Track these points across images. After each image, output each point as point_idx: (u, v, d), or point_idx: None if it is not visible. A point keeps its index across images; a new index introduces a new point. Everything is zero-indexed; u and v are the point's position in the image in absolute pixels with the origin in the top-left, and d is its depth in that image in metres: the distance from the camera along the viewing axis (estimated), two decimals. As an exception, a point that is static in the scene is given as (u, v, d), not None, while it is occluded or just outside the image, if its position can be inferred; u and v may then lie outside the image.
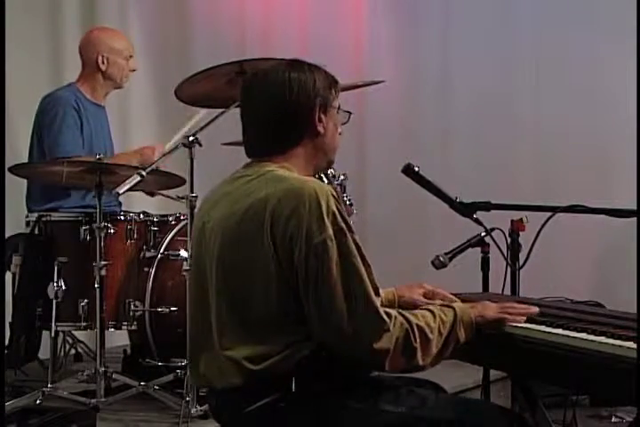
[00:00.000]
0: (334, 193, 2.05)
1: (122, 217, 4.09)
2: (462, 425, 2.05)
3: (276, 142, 2.17)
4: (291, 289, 2.01)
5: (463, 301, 2.30)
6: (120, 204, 4.42)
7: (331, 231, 1.98)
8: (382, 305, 2.03)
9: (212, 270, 2.11)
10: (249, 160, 2.23)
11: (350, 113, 2.28)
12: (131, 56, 4.44)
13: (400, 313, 2.04)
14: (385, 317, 1.98)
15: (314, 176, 2.21)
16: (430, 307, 2.15)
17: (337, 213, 2.01)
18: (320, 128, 2.17)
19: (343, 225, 2.01)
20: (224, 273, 2.08)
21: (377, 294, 2.01)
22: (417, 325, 2.03)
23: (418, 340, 2.01)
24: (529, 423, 2.25)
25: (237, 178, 2.19)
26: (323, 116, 2.17)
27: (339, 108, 2.24)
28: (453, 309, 2.13)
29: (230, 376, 2.05)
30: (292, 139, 2.17)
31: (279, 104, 2.15)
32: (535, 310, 2.19)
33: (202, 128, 3.69)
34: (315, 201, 2.00)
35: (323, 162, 2.23)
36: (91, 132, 4.31)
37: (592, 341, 1.96)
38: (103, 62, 4.35)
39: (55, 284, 3.87)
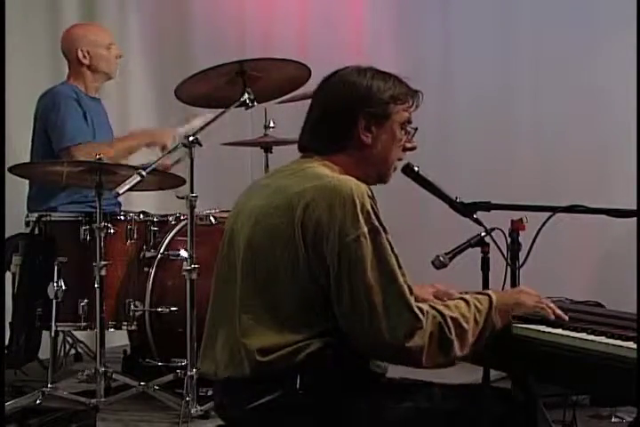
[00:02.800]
0: (370, 193, 2.03)
1: (122, 217, 4.09)
2: (466, 413, 2.06)
3: (323, 141, 2.16)
4: (318, 284, 2.00)
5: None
6: (120, 204, 4.42)
7: (365, 229, 1.98)
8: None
9: (241, 258, 2.10)
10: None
11: (416, 129, 2.22)
12: (111, 44, 4.42)
13: (432, 307, 2.03)
14: (420, 314, 1.97)
15: None
16: (464, 296, 2.14)
17: (372, 211, 2.00)
18: (365, 138, 2.14)
19: (377, 224, 2.00)
20: (252, 261, 2.07)
21: (411, 293, 1.99)
22: (450, 317, 2.01)
23: (453, 332, 2.00)
24: (528, 422, 2.25)
25: (277, 172, 2.19)
26: (373, 126, 2.14)
27: (408, 122, 2.19)
28: (489, 296, 2.12)
29: (237, 366, 2.04)
30: (337, 141, 2.15)
31: (328, 105, 2.15)
32: (566, 318, 2.16)
33: (202, 128, 3.69)
34: (350, 199, 1.99)
35: (371, 174, 2.18)
36: (93, 125, 4.31)
37: (592, 341, 1.96)
38: (85, 57, 4.36)
39: (55, 284, 3.88)
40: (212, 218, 4.10)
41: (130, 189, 3.48)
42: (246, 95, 3.77)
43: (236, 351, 2.05)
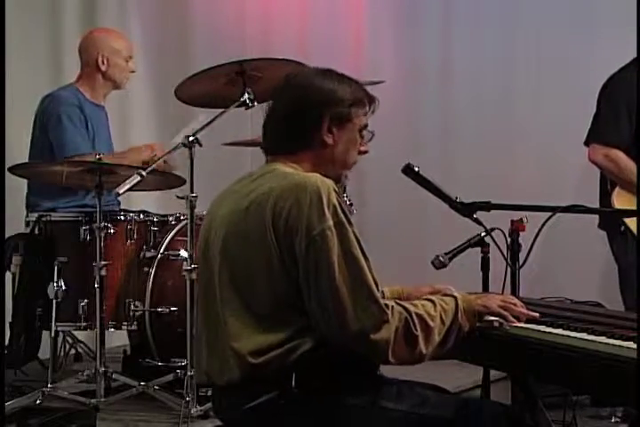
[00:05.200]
0: (336, 188, 2.07)
1: (122, 217, 4.09)
2: (463, 423, 2.06)
3: (285, 141, 2.20)
4: (293, 281, 2.02)
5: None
6: (119, 204, 4.42)
7: (331, 222, 2.00)
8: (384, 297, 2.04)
9: (217, 265, 2.12)
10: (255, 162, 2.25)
11: (373, 134, 2.29)
12: (130, 57, 4.43)
13: (398, 303, 2.06)
14: (386, 310, 2.00)
15: None
16: (430, 297, 2.16)
17: (337, 205, 2.03)
18: (327, 139, 2.18)
19: (343, 218, 2.03)
20: (229, 266, 2.10)
21: (377, 286, 2.02)
22: (416, 313, 2.04)
23: (418, 328, 2.03)
24: (528, 422, 2.26)
25: (245, 178, 2.22)
26: (335, 128, 2.18)
27: (365, 126, 2.25)
28: (454, 297, 2.15)
29: (230, 371, 2.06)
30: (299, 141, 2.19)
31: (292, 105, 2.18)
32: (536, 315, 2.19)
33: (202, 128, 3.68)
34: (316, 194, 2.02)
35: (330, 173, 2.21)
36: (93, 132, 4.31)
37: (592, 341, 1.96)
38: (103, 63, 4.34)
39: (55, 284, 3.87)
40: (212, 218, 4.10)
41: (130, 189, 3.47)
42: (246, 95, 3.77)
43: (228, 356, 2.06)
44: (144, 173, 3.48)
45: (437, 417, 2.07)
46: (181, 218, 4.13)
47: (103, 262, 3.78)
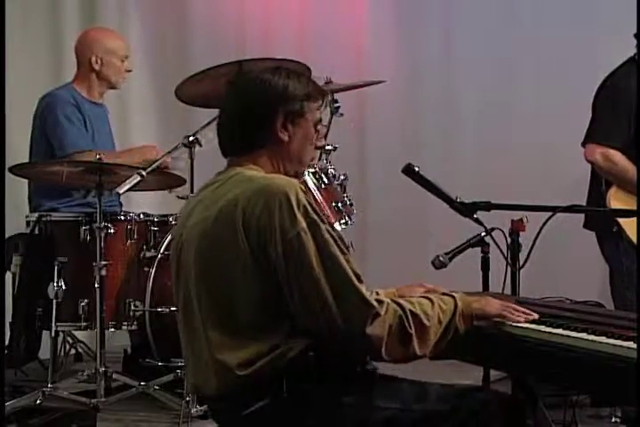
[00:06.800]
0: (302, 187, 2.05)
1: (122, 217, 4.09)
2: (458, 415, 2.05)
3: (240, 142, 2.17)
4: (272, 287, 2.00)
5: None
6: (121, 205, 4.42)
7: (304, 224, 1.99)
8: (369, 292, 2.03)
9: (193, 278, 2.10)
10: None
11: (328, 128, 2.29)
12: (127, 56, 4.43)
13: (393, 300, 2.04)
14: (372, 302, 1.98)
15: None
16: (429, 295, 2.15)
17: (307, 205, 2.01)
18: (283, 136, 2.15)
19: (315, 217, 2.01)
20: (203, 279, 2.08)
21: (359, 280, 2.00)
22: (411, 311, 2.03)
23: (413, 326, 2.01)
24: (525, 408, 2.24)
25: (209, 185, 2.20)
26: (289, 124, 2.15)
27: (319, 121, 2.22)
28: (454, 298, 2.13)
29: (218, 383, 2.04)
30: (254, 140, 2.16)
31: (243, 104, 2.16)
32: (535, 316, 2.19)
33: (202, 128, 3.69)
34: (284, 196, 2.00)
35: (288, 170, 2.20)
36: (92, 130, 4.31)
37: (592, 341, 1.96)
38: (97, 62, 4.35)
39: (55, 284, 3.87)
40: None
41: (130, 189, 3.47)
42: (246, 95, 3.77)
43: (214, 369, 2.04)
44: (144, 173, 3.48)
45: (433, 412, 2.05)
46: (181, 218, 4.13)
47: (103, 262, 3.79)
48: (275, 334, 2.01)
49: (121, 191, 3.44)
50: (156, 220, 4.13)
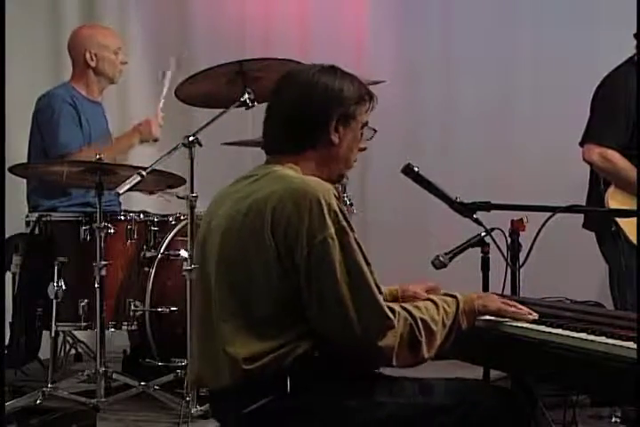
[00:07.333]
0: (336, 193, 2.04)
1: (122, 217, 4.09)
2: (461, 407, 2.05)
3: (290, 141, 2.16)
4: (292, 287, 2.00)
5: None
6: (120, 204, 4.42)
7: (332, 230, 1.98)
8: (385, 301, 2.04)
9: (214, 266, 2.11)
10: (254, 162, 2.23)
11: (375, 130, 2.27)
12: (119, 48, 4.43)
13: (403, 308, 2.05)
14: (389, 313, 1.99)
15: None
16: (433, 297, 2.16)
17: (338, 211, 2.01)
18: (334, 138, 2.15)
19: (345, 224, 2.01)
20: (224, 269, 2.08)
21: (380, 291, 2.01)
22: (421, 318, 2.04)
23: (423, 333, 2.03)
24: (525, 402, 2.24)
25: (244, 178, 2.19)
26: (341, 126, 2.15)
27: (366, 123, 2.22)
28: (456, 298, 2.14)
29: (223, 377, 2.05)
30: (305, 141, 2.15)
31: (299, 104, 2.15)
32: (535, 315, 2.19)
33: (202, 128, 3.68)
34: (316, 200, 1.99)
35: (334, 172, 2.20)
36: (89, 129, 4.31)
37: (592, 341, 1.96)
38: (92, 59, 4.35)
39: (55, 284, 3.87)
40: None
41: (130, 189, 3.47)
42: (246, 95, 3.77)
43: (222, 361, 2.05)
44: (144, 173, 3.48)
45: (436, 405, 2.06)
46: (181, 218, 4.13)
47: (103, 262, 3.79)
48: (286, 333, 2.01)
49: (121, 191, 3.44)
50: (156, 220, 4.14)
